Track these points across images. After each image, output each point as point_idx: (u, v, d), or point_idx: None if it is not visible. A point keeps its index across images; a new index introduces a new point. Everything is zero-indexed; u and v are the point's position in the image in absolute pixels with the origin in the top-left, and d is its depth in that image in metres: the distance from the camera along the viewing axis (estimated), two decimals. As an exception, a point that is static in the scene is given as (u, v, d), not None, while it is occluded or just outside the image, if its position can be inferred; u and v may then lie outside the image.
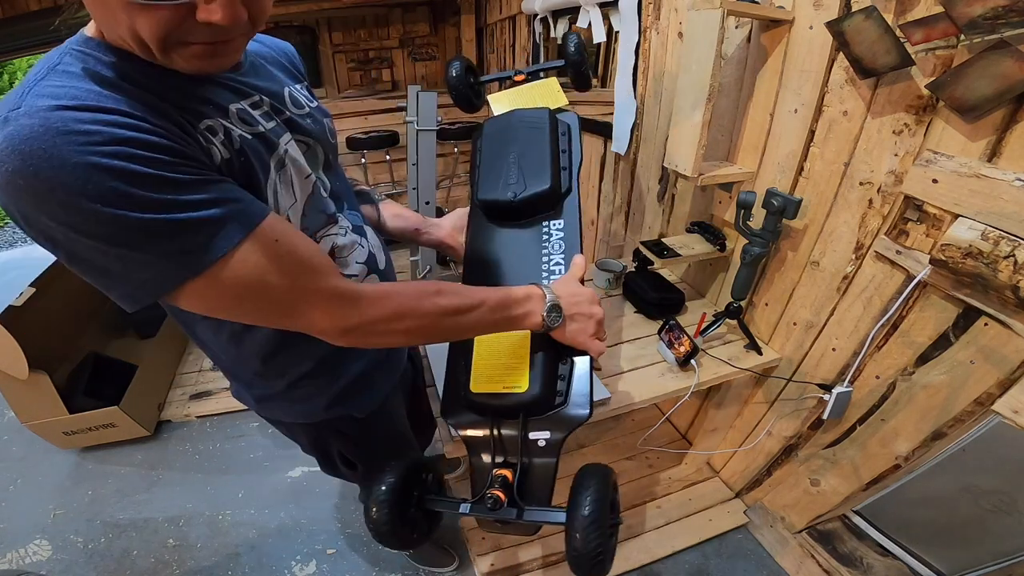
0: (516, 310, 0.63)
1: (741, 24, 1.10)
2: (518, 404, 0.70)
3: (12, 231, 4.38)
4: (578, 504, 0.60)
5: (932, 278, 0.82)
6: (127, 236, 0.40)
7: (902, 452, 0.99)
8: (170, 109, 0.45)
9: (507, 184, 0.84)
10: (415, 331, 0.57)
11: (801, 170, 1.03)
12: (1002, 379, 0.78)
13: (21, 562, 1.47)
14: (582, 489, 0.61)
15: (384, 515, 0.63)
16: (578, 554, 0.57)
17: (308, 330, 0.52)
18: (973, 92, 0.70)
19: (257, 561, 1.46)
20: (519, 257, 0.84)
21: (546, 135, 0.87)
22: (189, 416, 1.99)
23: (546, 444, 0.70)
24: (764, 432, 1.32)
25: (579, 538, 0.57)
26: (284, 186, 0.57)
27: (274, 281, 0.47)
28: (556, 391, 0.72)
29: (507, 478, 0.67)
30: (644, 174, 1.67)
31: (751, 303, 1.27)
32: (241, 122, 0.53)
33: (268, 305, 0.49)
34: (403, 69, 3.46)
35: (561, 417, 0.71)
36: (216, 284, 0.45)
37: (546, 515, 0.65)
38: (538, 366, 0.72)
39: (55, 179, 0.37)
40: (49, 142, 0.36)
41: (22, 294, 1.60)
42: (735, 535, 1.46)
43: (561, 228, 0.84)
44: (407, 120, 2.50)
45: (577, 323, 0.68)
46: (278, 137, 0.57)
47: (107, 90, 0.42)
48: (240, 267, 0.45)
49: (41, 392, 1.60)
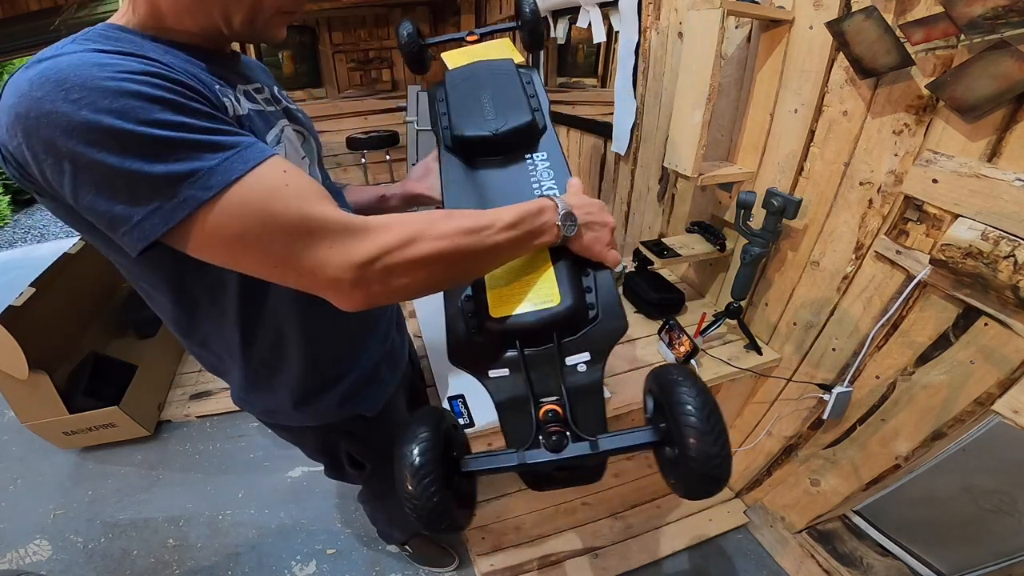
0: (534, 222, 0.58)
1: (741, 24, 1.10)
2: (555, 319, 0.61)
3: (12, 231, 4.38)
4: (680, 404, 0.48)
5: (932, 278, 0.82)
6: (143, 150, 0.40)
7: (902, 452, 0.99)
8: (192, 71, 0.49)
9: (485, 120, 0.80)
10: (435, 257, 0.50)
11: (801, 170, 1.03)
12: (1002, 379, 0.78)
13: (21, 562, 1.47)
14: (673, 385, 0.50)
15: (429, 486, 0.48)
16: (703, 460, 0.45)
17: (314, 278, 0.47)
18: (973, 92, 0.70)
19: (257, 561, 1.46)
20: (507, 190, 0.77)
21: (515, 78, 0.85)
22: (189, 416, 1.99)
23: (587, 367, 0.62)
24: (764, 432, 1.32)
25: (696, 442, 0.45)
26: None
27: (282, 210, 0.45)
28: (588, 304, 0.64)
29: (557, 412, 0.56)
30: (644, 174, 1.67)
31: (751, 303, 1.27)
32: (245, 99, 0.56)
33: (274, 241, 0.45)
34: (403, 69, 3.46)
35: (596, 333, 0.63)
36: (224, 214, 0.43)
37: (628, 437, 0.53)
38: (564, 277, 0.63)
39: (85, 99, 0.39)
40: (86, 70, 0.39)
41: (22, 294, 1.60)
42: (735, 535, 1.46)
43: (546, 158, 0.80)
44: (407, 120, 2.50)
45: (593, 231, 0.64)
46: (277, 119, 0.61)
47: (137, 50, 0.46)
48: (249, 194, 0.44)
49: (41, 392, 1.60)
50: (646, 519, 1.47)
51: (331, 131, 3.18)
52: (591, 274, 0.66)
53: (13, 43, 2.74)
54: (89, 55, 0.42)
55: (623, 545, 1.41)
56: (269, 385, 0.72)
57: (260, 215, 0.44)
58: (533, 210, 0.58)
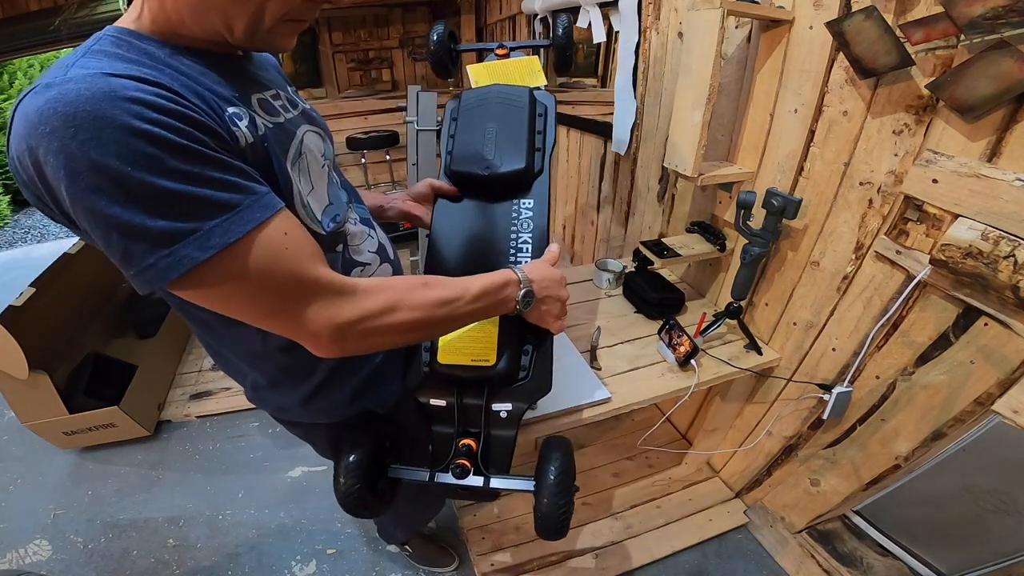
0: (496, 296, 0.65)
1: (741, 24, 1.10)
2: (486, 377, 0.72)
3: (12, 231, 4.38)
4: (546, 472, 0.65)
5: (932, 278, 0.82)
6: (147, 202, 0.40)
7: (902, 452, 0.99)
8: (203, 91, 0.48)
9: (482, 158, 0.84)
10: (410, 325, 0.56)
11: (801, 170, 1.03)
12: (1002, 379, 0.78)
13: (21, 562, 1.47)
14: (549, 458, 0.67)
15: (353, 484, 0.66)
16: (546, 517, 0.64)
17: (298, 329, 0.50)
18: (973, 92, 0.70)
19: (257, 561, 1.46)
20: (487, 232, 0.84)
21: (525, 113, 0.87)
22: (189, 416, 1.99)
23: (507, 416, 0.73)
24: (764, 432, 1.32)
25: (547, 503, 0.63)
26: (302, 174, 0.60)
27: (278, 272, 0.47)
28: (521, 366, 0.75)
29: (471, 447, 0.70)
30: (644, 174, 1.67)
31: (751, 303, 1.27)
32: (263, 112, 0.55)
33: (266, 299, 0.48)
34: (403, 69, 3.46)
35: (523, 390, 0.74)
36: (219, 273, 0.44)
37: (513, 482, 0.68)
38: (506, 340, 0.74)
39: (94, 140, 0.38)
40: (95, 105, 0.38)
41: (22, 294, 1.60)
42: (735, 535, 1.46)
43: (531, 208, 0.85)
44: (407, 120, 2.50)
45: (547, 304, 0.71)
46: (296, 127, 0.60)
47: (147, 69, 0.44)
48: (247, 256, 0.45)
49: (41, 392, 1.60)
50: (646, 519, 1.48)
51: (331, 131, 3.18)
52: (533, 338, 0.77)
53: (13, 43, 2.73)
54: (100, 81, 0.39)
55: (623, 545, 1.41)
56: (282, 385, 0.73)
57: (256, 276, 0.46)
58: (499, 284, 0.65)
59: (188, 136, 0.42)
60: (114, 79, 0.40)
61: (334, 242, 0.66)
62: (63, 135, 0.37)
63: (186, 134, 0.42)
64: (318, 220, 0.62)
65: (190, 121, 0.43)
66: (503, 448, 0.73)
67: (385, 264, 0.75)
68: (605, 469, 1.64)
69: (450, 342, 0.75)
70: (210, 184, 0.43)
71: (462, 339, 0.75)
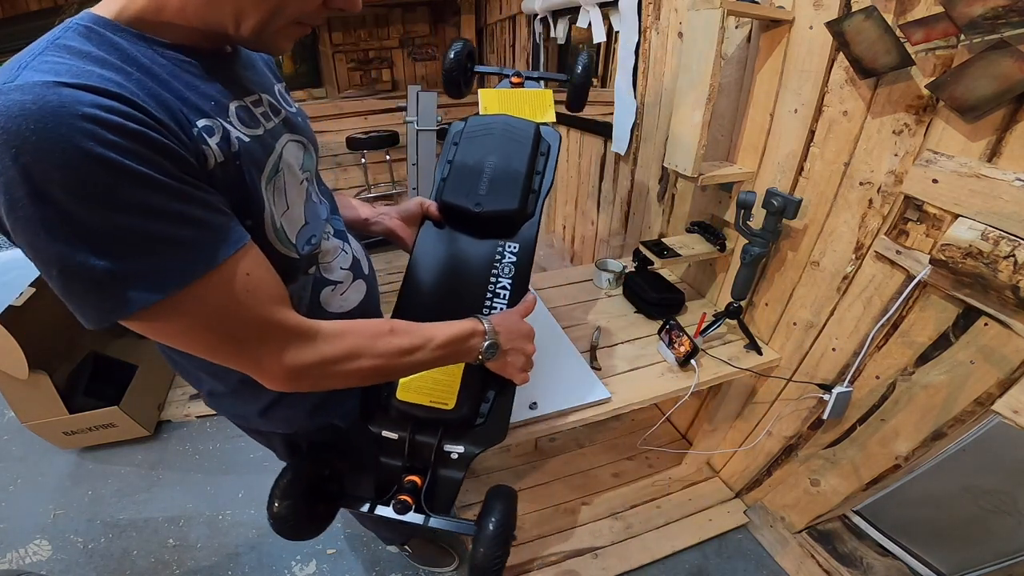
0: (460, 346, 0.64)
1: (741, 24, 1.10)
2: (442, 420, 0.72)
3: (12, 231, 4.38)
4: (486, 522, 0.66)
5: (932, 278, 0.82)
6: (91, 240, 0.36)
7: (902, 452, 0.99)
8: (172, 101, 0.43)
9: (474, 192, 0.81)
10: (368, 371, 0.55)
11: (801, 170, 1.03)
12: (1002, 379, 0.78)
13: (21, 562, 1.47)
14: (493, 507, 0.67)
15: (287, 508, 0.65)
16: (482, 563, 0.64)
17: (254, 368, 0.48)
18: (973, 92, 0.70)
19: (257, 561, 1.46)
20: (468, 269, 0.82)
21: (527, 152, 0.84)
22: (189, 416, 1.99)
23: (458, 457, 0.72)
24: (764, 432, 1.32)
25: (484, 551, 0.64)
26: (277, 193, 0.55)
27: (236, 314, 0.45)
28: (479, 413, 0.74)
29: (416, 484, 0.69)
30: (644, 174, 1.67)
31: (751, 303, 1.27)
32: (240, 123, 0.51)
33: (222, 339, 0.45)
34: (403, 69, 3.46)
35: (477, 434, 0.73)
36: (176, 312, 0.41)
37: (452, 524, 0.68)
38: (467, 386, 0.74)
39: (36, 163, 0.33)
40: (41, 122, 0.33)
41: (22, 294, 1.60)
42: (735, 535, 1.46)
43: (515, 252, 0.82)
44: (407, 120, 2.50)
45: (511, 356, 0.70)
46: (276, 139, 0.56)
47: (111, 72, 0.39)
48: (204, 298, 0.42)
49: (41, 392, 1.60)
50: (646, 519, 1.48)
51: (331, 131, 3.18)
52: (495, 386, 0.76)
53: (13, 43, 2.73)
54: (50, 93, 0.34)
55: (623, 545, 1.41)
56: (241, 394, 0.70)
57: (213, 318, 0.43)
58: (464, 334, 0.64)
59: (147, 162, 0.37)
60: (66, 90, 0.34)
61: (308, 264, 0.63)
62: (2, 154, 0.33)
63: (145, 159, 0.37)
64: (292, 243, 0.58)
65: (151, 143, 0.38)
66: (448, 488, 0.72)
67: (359, 281, 0.73)
68: (605, 469, 1.64)
69: (411, 380, 0.74)
70: (168, 219, 0.39)
71: (423, 379, 0.74)
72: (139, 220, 0.37)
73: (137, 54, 0.43)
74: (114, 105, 0.36)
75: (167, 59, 0.45)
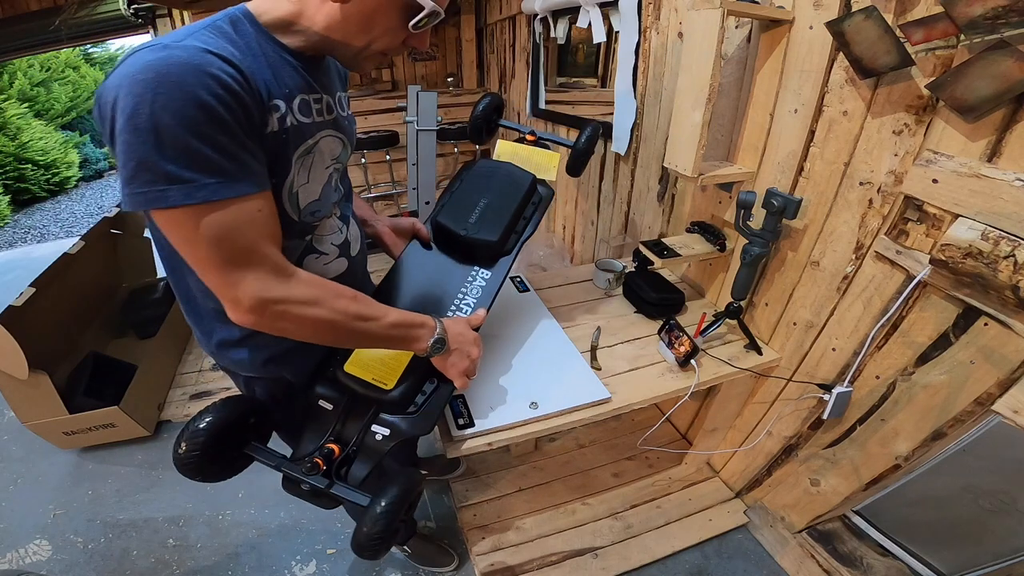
0: (410, 332, 0.73)
1: (741, 24, 1.10)
2: (377, 400, 0.78)
3: (12, 231, 4.38)
4: (379, 498, 0.68)
5: (932, 278, 0.82)
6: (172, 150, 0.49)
7: (902, 452, 0.99)
8: (266, 78, 0.59)
9: (464, 220, 0.96)
10: (324, 324, 0.63)
11: (801, 170, 1.03)
12: (1002, 379, 0.78)
13: (21, 562, 1.47)
14: (391, 485, 0.70)
15: (193, 454, 0.71)
16: (359, 540, 0.66)
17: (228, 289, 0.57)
18: (973, 92, 0.70)
19: (257, 561, 1.46)
20: (441, 285, 0.94)
21: (519, 198, 0.99)
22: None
23: (382, 439, 0.77)
24: (764, 432, 1.32)
25: (365, 529, 0.66)
26: (303, 168, 0.67)
27: (238, 236, 0.55)
28: (414, 402, 0.80)
29: (334, 452, 0.75)
30: (644, 174, 1.67)
31: (751, 303, 1.27)
32: (299, 111, 0.64)
33: (219, 253, 0.55)
34: (403, 69, 3.46)
35: (403, 423, 0.79)
36: (193, 219, 0.53)
37: (351, 494, 0.72)
38: (411, 374, 0.80)
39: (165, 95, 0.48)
40: (185, 66, 0.49)
41: (22, 294, 1.60)
42: (735, 535, 1.46)
43: (486, 279, 0.96)
44: (407, 120, 2.50)
45: (455, 357, 0.79)
46: (319, 130, 0.69)
47: (236, 50, 0.56)
48: (221, 215, 0.54)
49: (41, 392, 1.60)
50: (646, 519, 1.48)
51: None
52: (436, 383, 0.83)
53: (13, 43, 2.74)
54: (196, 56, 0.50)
55: (623, 545, 1.41)
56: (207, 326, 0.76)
57: (220, 232, 0.54)
58: (415, 323, 0.74)
59: (232, 111, 0.52)
60: (208, 56, 0.51)
61: (303, 231, 0.72)
62: (147, 87, 0.47)
63: (231, 108, 0.52)
64: (299, 208, 0.69)
65: (240, 100, 0.53)
66: (362, 466, 0.76)
67: (342, 259, 0.80)
68: (605, 469, 1.64)
69: (361, 356, 0.81)
70: (225, 153, 0.52)
71: (372, 357, 0.81)
72: (207, 148, 0.51)
73: (259, 43, 0.60)
74: (230, 71, 0.53)
75: (276, 53, 0.61)
